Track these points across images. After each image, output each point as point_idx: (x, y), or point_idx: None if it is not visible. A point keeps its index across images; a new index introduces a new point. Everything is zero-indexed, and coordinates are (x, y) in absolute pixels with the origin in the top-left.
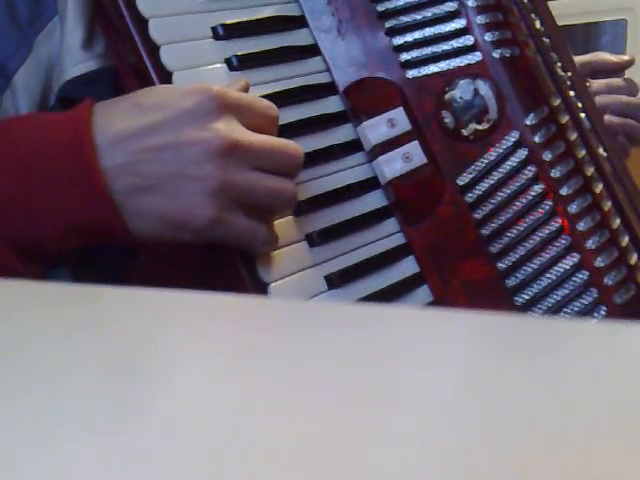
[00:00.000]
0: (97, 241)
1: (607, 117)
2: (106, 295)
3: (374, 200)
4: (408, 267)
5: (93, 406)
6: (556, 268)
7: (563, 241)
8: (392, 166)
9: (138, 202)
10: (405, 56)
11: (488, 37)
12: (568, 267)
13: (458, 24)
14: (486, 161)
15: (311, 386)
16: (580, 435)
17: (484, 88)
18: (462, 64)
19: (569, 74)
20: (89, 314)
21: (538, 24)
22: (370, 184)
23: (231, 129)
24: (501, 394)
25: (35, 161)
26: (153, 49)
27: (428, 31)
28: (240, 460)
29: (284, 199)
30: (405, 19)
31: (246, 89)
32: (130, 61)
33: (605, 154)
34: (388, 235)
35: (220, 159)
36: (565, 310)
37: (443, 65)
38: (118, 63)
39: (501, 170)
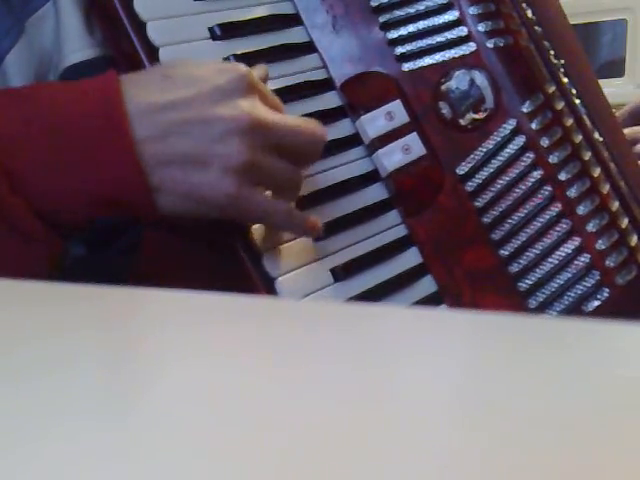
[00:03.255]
0: (121, 213)
1: None
2: (107, 295)
3: (375, 193)
4: (411, 258)
5: (91, 400)
6: (558, 252)
7: (564, 225)
8: (392, 158)
9: (163, 174)
10: (400, 49)
11: (481, 27)
12: (570, 251)
13: (451, 16)
14: (485, 150)
15: (309, 386)
16: (580, 435)
17: (479, 78)
18: (457, 55)
19: (562, 61)
20: (90, 314)
21: (530, 13)
22: (371, 177)
23: (257, 108)
24: (501, 394)
25: (65, 129)
26: (152, 51)
27: (422, 24)
28: (237, 457)
29: (293, 183)
30: (399, 13)
31: (265, 76)
32: (126, 52)
33: (601, 139)
34: (390, 227)
35: (245, 137)
36: (568, 294)
37: (438, 57)
38: (116, 55)
39: (500, 158)
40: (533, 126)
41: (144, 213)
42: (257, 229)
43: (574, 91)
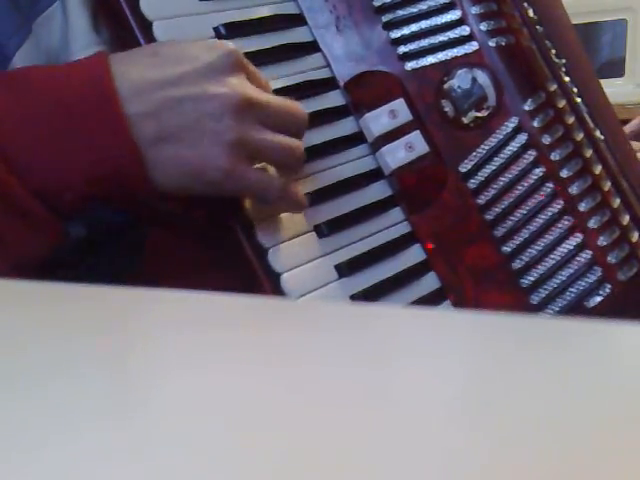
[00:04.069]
0: (117, 192)
1: None
2: (109, 295)
3: (379, 190)
4: (414, 255)
5: (92, 403)
6: (560, 249)
7: (565, 222)
8: (395, 156)
9: (158, 151)
10: (403, 49)
11: (483, 27)
12: (571, 247)
13: (453, 15)
14: (487, 147)
15: (309, 386)
16: (581, 435)
17: (482, 77)
18: (459, 54)
19: (563, 61)
20: (91, 314)
21: (531, 13)
22: (374, 175)
23: (246, 86)
24: (502, 394)
25: (58, 109)
26: None
27: (424, 23)
28: (236, 457)
29: (295, 156)
30: (401, 12)
31: None
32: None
33: (602, 137)
34: (394, 224)
35: (237, 114)
36: (570, 290)
37: (441, 56)
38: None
39: (502, 156)
40: (535, 124)
41: (140, 190)
42: (262, 224)
43: (575, 90)
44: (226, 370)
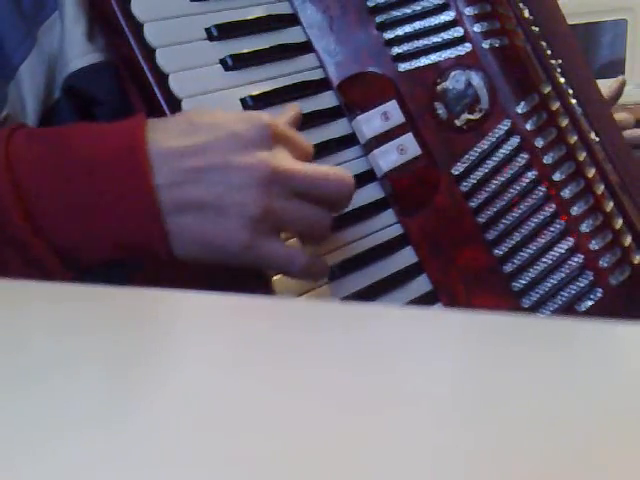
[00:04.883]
0: (137, 256)
1: None
2: (109, 295)
3: (371, 193)
4: (407, 257)
5: (94, 404)
6: (552, 252)
7: (558, 226)
8: (387, 158)
9: (181, 221)
10: (396, 50)
11: (477, 28)
12: (563, 251)
13: (447, 16)
14: (479, 150)
15: (309, 386)
16: (576, 435)
17: (475, 78)
18: (453, 56)
19: (559, 61)
20: (91, 314)
21: (527, 13)
22: (366, 177)
23: (277, 158)
24: (500, 394)
25: (89, 174)
26: (149, 52)
27: (418, 24)
28: (236, 457)
29: (320, 229)
30: (395, 13)
31: (298, 115)
32: (124, 55)
33: (597, 139)
34: (386, 226)
35: (262, 187)
36: (562, 293)
37: (434, 57)
38: (115, 58)
39: (494, 158)
40: (528, 127)
41: (160, 257)
42: None
43: (570, 91)
44: (226, 369)
